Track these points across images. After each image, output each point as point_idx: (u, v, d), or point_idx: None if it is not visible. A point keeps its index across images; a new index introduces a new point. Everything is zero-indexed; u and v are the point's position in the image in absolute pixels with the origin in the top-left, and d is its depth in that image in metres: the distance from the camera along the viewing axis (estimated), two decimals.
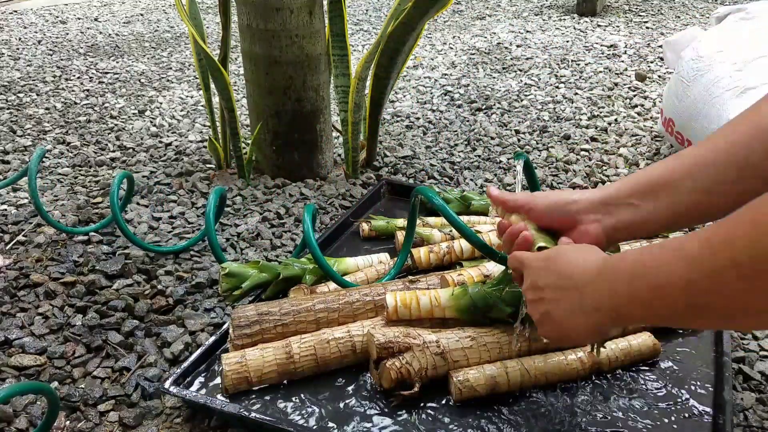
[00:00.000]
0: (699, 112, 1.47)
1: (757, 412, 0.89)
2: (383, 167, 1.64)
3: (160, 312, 1.09)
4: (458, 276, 0.99)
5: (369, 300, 0.96)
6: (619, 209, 0.73)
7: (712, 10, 3.29)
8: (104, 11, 3.55)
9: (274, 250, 1.27)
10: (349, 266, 1.12)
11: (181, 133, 1.89)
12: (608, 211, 0.73)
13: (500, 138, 1.83)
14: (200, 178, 1.57)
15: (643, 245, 1.05)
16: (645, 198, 0.72)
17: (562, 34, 2.91)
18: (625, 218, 0.73)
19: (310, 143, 1.53)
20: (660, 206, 0.71)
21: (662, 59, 2.46)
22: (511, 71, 2.44)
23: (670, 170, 0.71)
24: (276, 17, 1.38)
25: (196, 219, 1.39)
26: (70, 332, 1.02)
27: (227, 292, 1.03)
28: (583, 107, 2.05)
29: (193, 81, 2.39)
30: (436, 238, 1.19)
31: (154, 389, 0.91)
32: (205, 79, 1.53)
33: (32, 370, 0.95)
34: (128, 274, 1.17)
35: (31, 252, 1.24)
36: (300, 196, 1.48)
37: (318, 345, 0.89)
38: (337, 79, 1.52)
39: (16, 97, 2.18)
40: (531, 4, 3.56)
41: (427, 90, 2.25)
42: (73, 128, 1.93)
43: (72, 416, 0.88)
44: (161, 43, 2.93)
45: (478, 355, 0.87)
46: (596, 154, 1.73)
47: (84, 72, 2.46)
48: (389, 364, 0.84)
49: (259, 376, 0.87)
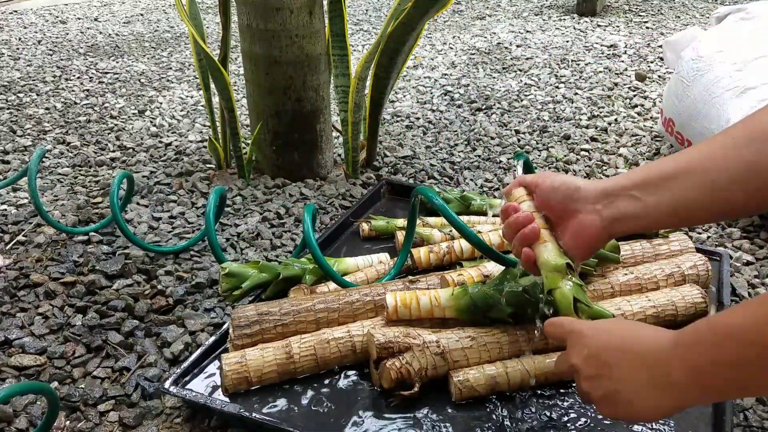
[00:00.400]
0: (699, 112, 1.47)
1: (757, 412, 0.89)
2: (383, 167, 1.64)
3: (160, 312, 1.09)
4: (458, 276, 0.99)
5: (369, 300, 0.96)
6: (620, 200, 0.73)
7: (712, 10, 3.29)
8: (104, 11, 3.55)
9: (274, 250, 1.27)
10: (349, 266, 1.12)
11: (181, 133, 1.89)
12: (609, 201, 0.73)
13: (500, 138, 1.83)
14: (200, 178, 1.57)
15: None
16: (646, 190, 0.72)
17: (562, 34, 2.91)
18: (625, 210, 0.72)
19: (310, 143, 1.53)
20: (661, 200, 0.70)
21: (662, 59, 2.46)
22: (511, 71, 2.44)
23: (674, 166, 0.71)
24: (276, 17, 1.38)
25: (196, 219, 1.39)
26: (70, 332, 1.02)
27: (227, 292, 1.03)
28: (583, 107, 2.05)
29: (193, 81, 2.39)
30: (436, 238, 1.19)
31: (154, 389, 0.91)
32: (205, 79, 1.53)
33: (32, 370, 0.95)
34: (128, 274, 1.17)
35: (31, 252, 1.24)
36: (300, 196, 1.48)
37: (318, 345, 0.89)
38: (337, 79, 1.52)
39: (16, 97, 2.18)
40: (531, 4, 3.56)
41: (427, 90, 2.25)
42: (73, 128, 1.93)
43: (72, 416, 0.88)
44: (161, 43, 2.93)
45: (478, 355, 0.87)
46: (596, 154, 1.73)
47: (84, 72, 2.46)
48: (389, 364, 0.84)
49: (259, 376, 0.87)
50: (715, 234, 1.34)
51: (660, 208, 0.71)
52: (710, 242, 1.30)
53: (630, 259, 1.08)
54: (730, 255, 1.20)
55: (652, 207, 0.71)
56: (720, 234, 1.34)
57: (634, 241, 1.11)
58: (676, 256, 1.08)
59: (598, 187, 0.74)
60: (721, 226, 1.36)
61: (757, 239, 1.30)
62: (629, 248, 1.09)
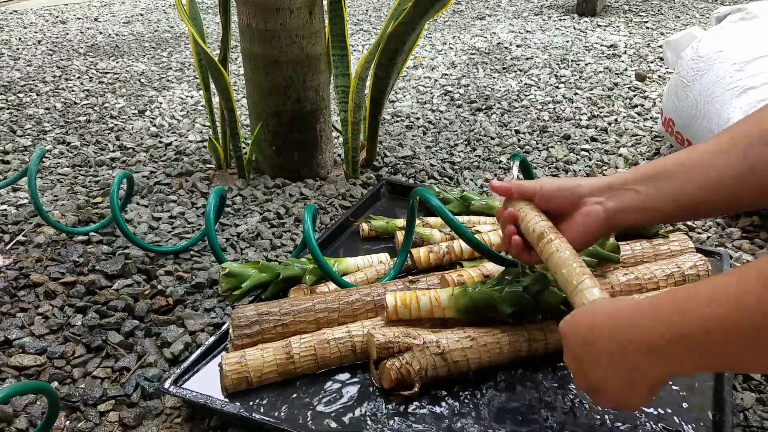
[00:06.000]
0: (699, 112, 1.47)
1: (757, 412, 0.89)
2: (383, 167, 1.64)
3: (160, 312, 1.09)
4: (458, 276, 0.99)
5: (369, 300, 0.96)
6: (621, 193, 0.75)
7: (712, 10, 3.29)
8: (104, 11, 3.55)
9: (274, 250, 1.27)
10: (349, 266, 1.12)
11: (181, 133, 1.89)
12: (611, 194, 0.75)
13: (500, 138, 1.83)
14: (200, 178, 1.57)
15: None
16: (647, 183, 0.74)
17: (562, 34, 2.91)
18: (628, 202, 0.74)
19: (310, 143, 1.53)
20: (662, 193, 0.72)
21: (662, 59, 2.46)
22: (511, 71, 2.44)
23: (677, 162, 0.73)
24: (276, 17, 1.38)
25: (196, 219, 1.39)
26: (70, 332, 1.02)
27: (227, 292, 1.03)
28: (583, 107, 2.05)
29: (193, 81, 2.39)
30: (436, 238, 1.19)
31: (154, 389, 0.91)
32: (205, 79, 1.53)
33: (32, 370, 0.95)
34: (128, 274, 1.17)
35: (31, 252, 1.24)
36: (300, 196, 1.48)
37: (318, 345, 0.89)
38: (337, 79, 1.52)
39: (16, 97, 2.18)
40: (531, 4, 3.56)
41: (427, 90, 2.25)
42: (73, 128, 1.93)
43: (72, 416, 0.88)
44: (161, 43, 2.93)
45: (478, 355, 0.87)
46: (596, 154, 1.73)
47: (84, 72, 2.46)
48: (389, 364, 0.84)
49: (259, 376, 0.87)
50: (715, 234, 1.34)
51: (661, 199, 0.72)
52: (710, 242, 1.30)
53: (630, 259, 1.07)
54: (730, 255, 1.20)
55: (653, 199, 0.73)
56: (720, 234, 1.34)
57: (634, 241, 1.11)
58: (676, 256, 1.08)
59: (601, 182, 0.77)
60: (721, 226, 1.36)
61: (757, 239, 1.30)
62: (629, 248, 1.09)
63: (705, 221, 1.37)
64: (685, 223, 1.35)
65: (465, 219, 1.27)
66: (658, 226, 1.15)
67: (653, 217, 0.75)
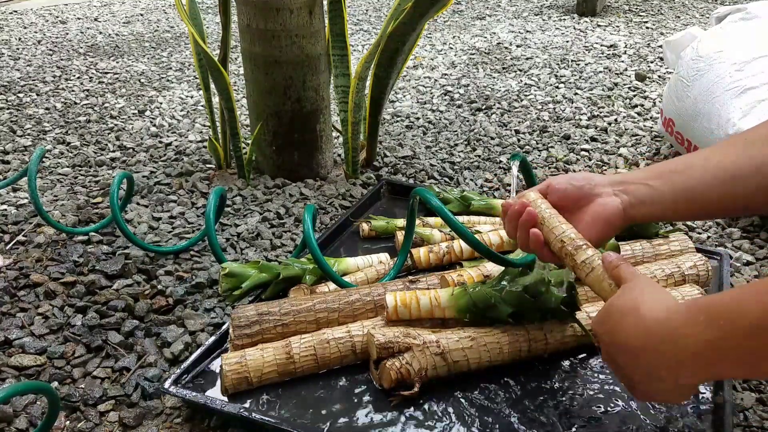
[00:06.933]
0: (699, 112, 1.47)
1: (756, 412, 0.89)
2: (383, 167, 1.64)
3: (160, 312, 1.09)
4: (458, 276, 0.99)
5: (369, 300, 0.96)
6: (635, 187, 0.76)
7: (712, 10, 3.29)
8: (104, 11, 3.55)
9: (274, 250, 1.27)
10: (349, 266, 1.12)
11: (181, 133, 1.89)
12: (625, 189, 0.77)
13: (500, 138, 1.83)
14: (200, 178, 1.57)
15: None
16: (661, 179, 0.75)
17: (562, 34, 2.91)
18: (642, 196, 0.76)
19: (310, 143, 1.53)
20: (676, 188, 0.74)
21: (662, 59, 2.46)
22: (511, 71, 2.44)
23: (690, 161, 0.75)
24: (276, 17, 1.38)
25: (196, 219, 1.39)
26: (70, 332, 1.02)
27: (227, 292, 1.03)
28: (583, 107, 2.05)
29: (193, 81, 2.39)
30: (436, 238, 1.19)
31: (154, 389, 0.91)
32: (205, 79, 1.53)
33: (32, 370, 0.95)
34: (128, 274, 1.17)
35: (31, 252, 1.24)
36: (300, 196, 1.48)
37: (318, 345, 0.89)
38: (337, 79, 1.52)
39: (16, 97, 2.18)
40: (531, 4, 3.56)
41: (427, 90, 2.25)
42: (73, 128, 1.93)
43: (72, 416, 0.88)
44: (161, 43, 2.93)
45: (478, 355, 0.87)
46: (596, 154, 1.73)
47: (84, 72, 2.46)
48: (389, 364, 0.84)
49: (259, 376, 0.87)
50: (715, 234, 1.34)
51: (674, 195, 0.74)
52: (710, 242, 1.30)
53: (630, 259, 1.08)
54: (730, 255, 1.20)
55: (667, 194, 0.74)
56: (720, 234, 1.34)
57: (634, 241, 1.11)
58: (676, 256, 1.08)
59: (614, 177, 0.79)
60: (721, 226, 1.36)
61: (757, 239, 1.30)
62: (629, 248, 1.09)
63: (705, 221, 1.37)
64: (685, 223, 1.35)
65: (465, 219, 1.27)
66: (659, 227, 1.15)
67: (666, 212, 0.76)
